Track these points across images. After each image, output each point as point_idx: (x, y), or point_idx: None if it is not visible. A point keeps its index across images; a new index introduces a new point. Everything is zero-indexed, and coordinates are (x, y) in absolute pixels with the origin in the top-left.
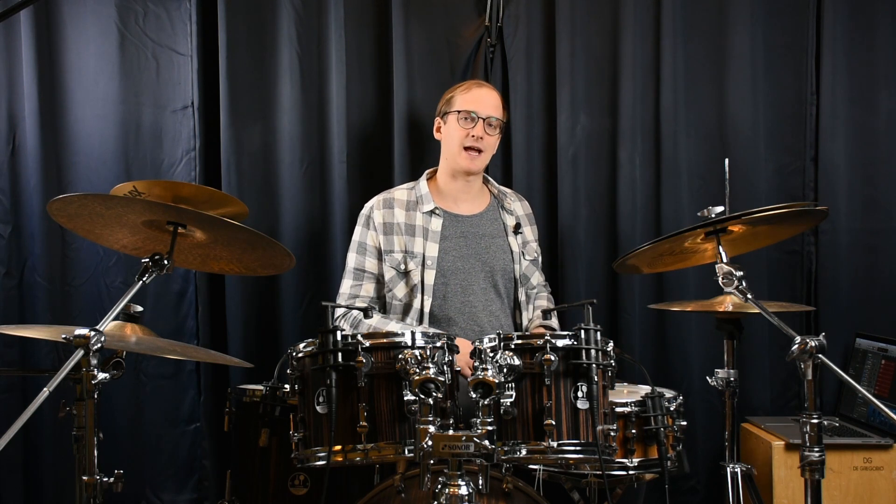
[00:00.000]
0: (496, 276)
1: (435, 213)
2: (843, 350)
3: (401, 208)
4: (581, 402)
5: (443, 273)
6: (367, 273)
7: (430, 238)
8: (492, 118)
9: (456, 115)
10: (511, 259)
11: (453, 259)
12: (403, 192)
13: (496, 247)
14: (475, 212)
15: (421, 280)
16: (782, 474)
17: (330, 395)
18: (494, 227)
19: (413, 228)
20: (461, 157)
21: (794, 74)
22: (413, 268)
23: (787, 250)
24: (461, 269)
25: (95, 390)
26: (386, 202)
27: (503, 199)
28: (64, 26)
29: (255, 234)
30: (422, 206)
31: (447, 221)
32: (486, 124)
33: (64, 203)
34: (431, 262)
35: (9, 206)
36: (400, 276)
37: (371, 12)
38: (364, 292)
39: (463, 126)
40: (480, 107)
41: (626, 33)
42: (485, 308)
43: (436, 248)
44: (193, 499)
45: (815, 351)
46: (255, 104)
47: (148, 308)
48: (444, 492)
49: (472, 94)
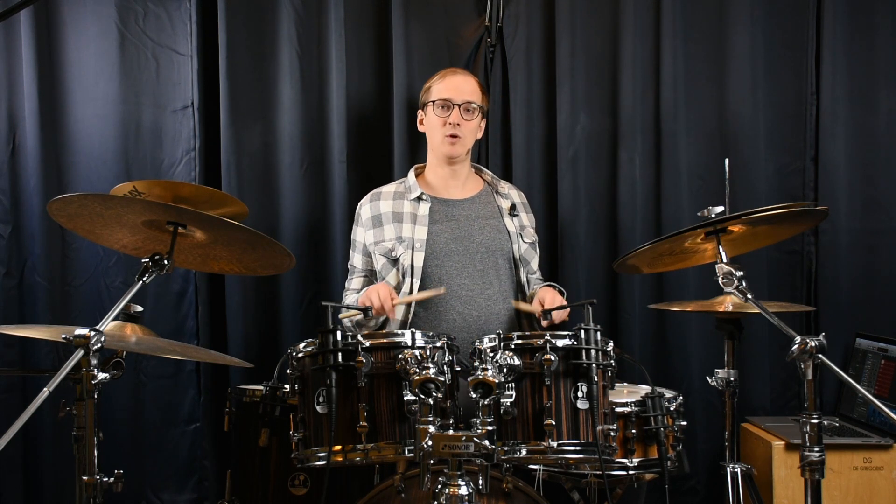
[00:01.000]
0: (496, 255)
1: (422, 199)
2: (843, 350)
3: (388, 199)
4: (581, 402)
5: (433, 256)
6: (356, 269)
7: (419, 222)
8: (469, 103)
9: (432, 105)
10: (509, 239)
11: (444, 241)
12: (392, 185)
13: (491, 227)
14: (466, 196)
15: (411, 264)
16: (782, 474)
17: (330, 395)
18: (488, 210)
19: (401, 216)
20: (443, 145)
21: (794, 74)
22: (402, 252)
23: (787, 250)
24: (453, 251)
25: (95, 390)
26: (373, 196)
27: (497, 185)
28: (64, 26)
29: (255, 234)
30: (409, 195)
31: (435, 206)
32: (462, 110)
33: (64, 203)
34: (420, 245)
35: (9, 206)
36: (391, 264)
37: (371, 12)
38: (353, 287)
39: (440, 115)
40: (455, 93)
41: (626, 33)
42: (481, 292)
43: (424, 231)
44: (193, 499)
45: (815, 351)
46: (255, 104)
47: (148, 308)
48: (444, 492)
49: (446, 81)
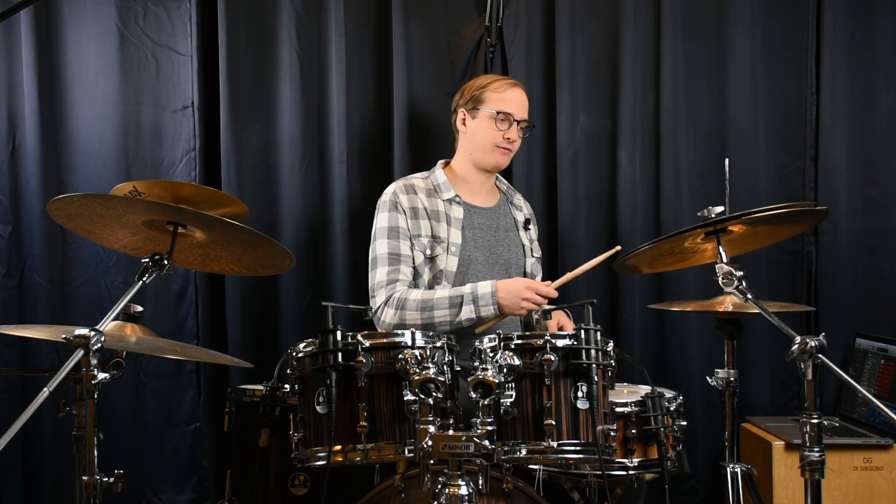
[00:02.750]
0: (511, 269)
1: (455, 202)
2: (843, 350)
3: (422, 194)
4: (581, 402)
5: (462, 262)
6: (402, 256)
7: (454, 224)
8: (526, 122)
9: (492, 116)
10: (523, 253)
11: (472, 249)
12: (420, 179)
13: (509, 240)
14: (490, 205)
15: (445, 266)
16: (782, 474)
17: (330, 395)
18: (507, 221)
19: (437, 214)
20: (493, 155)
21: (794, 74)
22: (440, 252)
23: (787, 250)
24: (479, 260)
25: (95, 390)
26: (408, 188)
27: (512, 196)
28: (64, 26)
29: (255, 234)
30: (441, 194)
31: (466, 211)
32: (520, 128)
33: (64, 203)
34: (455, 249)
35: (9, 206)
36: (426, 262)
37: (371, 12)
38: (403, 276)
39: (499, 127)
40: (517, 109)
41: (626, 33)
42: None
43: (459, 235)
44: (193, 499)
45: (815, 351)
46: (255, 104)
47: (148, 308)
48: (444, 492)
49: (508, 95)
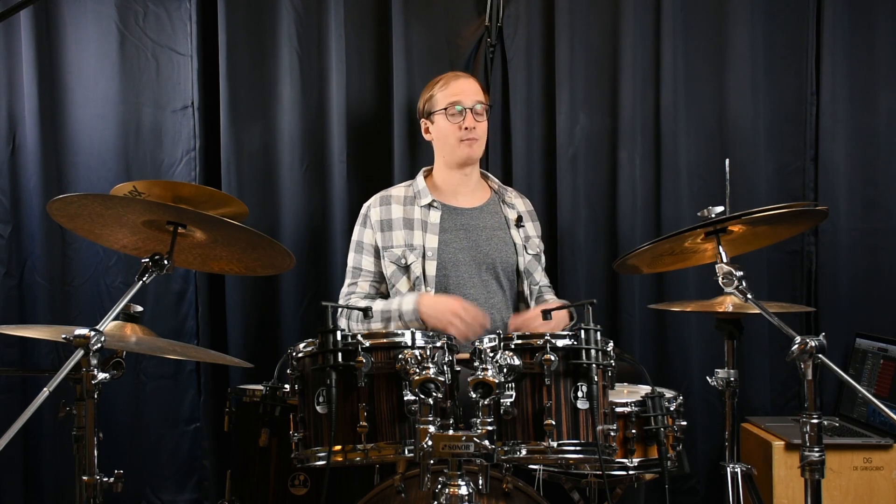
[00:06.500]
0: (497, 268)
1: (433, 206)
2: (843, 350)
3: (398, 204)
4: (581, 402)
5: (443, 265)
6: (363, 271)
7: (430, 230)
8: (477, 105)
9: (443, 113)
10: (514, 252)
11: (454, 251)
12: (401, 189)
13: (497, 239)
14: (475, 205)
15: (423, 272)
16: (782, 474)
17: (330, 395)
18: (495, 220)
19: (412, 222)
20: (460, 149)
21: (794, 74)
22: (414, 260)
23: (787, 250)
24: (461, 262)
25: (95, 390)
26: (383, 199)
27: (504, 193)
28: (64, 26)
29: (255, 234)
30: (419, 200)
31: (446, 214)
32: (473, 113)
33: (64, 203)
34: (432, 254)
35: (9, 206)
36: (402, 271)
37: (371, 12)
38: (359, 289)
39: (453, 121)
40: (464, 97)
41: (626, 33)
42: (486, 301)
43: (435, 240)
44: (193, 499)
45: (815, 351)
46: (255, 104)
47: (148, 308)
48: (444, 492)
49: (451, 87)
